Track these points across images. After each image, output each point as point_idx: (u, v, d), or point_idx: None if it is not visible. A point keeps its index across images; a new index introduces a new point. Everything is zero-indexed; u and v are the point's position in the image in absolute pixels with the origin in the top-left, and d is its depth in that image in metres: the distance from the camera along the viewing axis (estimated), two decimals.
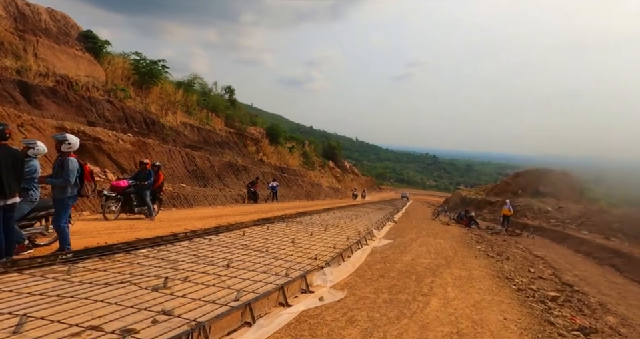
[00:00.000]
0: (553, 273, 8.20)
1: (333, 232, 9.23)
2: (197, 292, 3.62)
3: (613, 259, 12.83)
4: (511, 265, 8.16)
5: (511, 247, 11.93)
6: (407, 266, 6.46)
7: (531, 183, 35.28)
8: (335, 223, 11.30)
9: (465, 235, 12.89)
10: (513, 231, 16.65)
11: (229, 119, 30.97)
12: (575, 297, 5.94)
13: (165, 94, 23.35)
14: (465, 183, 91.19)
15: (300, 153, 44.83)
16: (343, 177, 59.01)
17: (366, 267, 6.06)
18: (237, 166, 25.77)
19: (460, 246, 9.89)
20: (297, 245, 6.97)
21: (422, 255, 7.73)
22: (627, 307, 5.77)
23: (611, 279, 8.89)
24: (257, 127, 37.18)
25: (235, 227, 8.26)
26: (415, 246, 8.94)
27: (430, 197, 70.50)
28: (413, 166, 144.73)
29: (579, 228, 19.34)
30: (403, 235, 10.72)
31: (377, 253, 7.43)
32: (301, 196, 33.04)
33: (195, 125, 25.00)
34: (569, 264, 10.07)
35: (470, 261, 7.77)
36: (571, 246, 15.76)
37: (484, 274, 6.56)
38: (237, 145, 30.92)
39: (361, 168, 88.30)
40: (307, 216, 13.22)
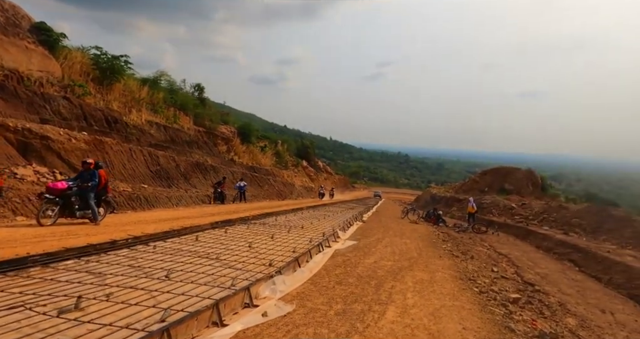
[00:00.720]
0: (515, 271, 8.14)
1: (297, 234, 8.79)
2: (115, 313, 3.09)
3: (572, 255, 13.13)
4: (474, 265, 8.03)
5: (476, 245, 11.94)
6: (368, 270, 6.12)
7: (497, 181, 36.31)
8: (301, 225, 10.87)
9: (432, 234, 12.80)
10: (478, 228, 16.84)
11: (198, 118, 29.93)
12: (536, 298, 5.80)
13: (129, 91, 22.14)
14: (435, 181, 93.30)
15: (273, 152, 44.17)
16: (316, 177, 58.70)
17: (324, 273, 5.66)
18: (205, 166, 24.85)
19: (426, 246, 9.72)
20: (253, 250, 6.48)
21: (385, 257, 7.43)
22: (586, 306, 5.68)
23: (570, 276, 8.97)
24: (228, 125, 36.18)
25: (188, 232, 7.66)
26: (380, 247, 8.66)
27: (402, 195, 71.50)
28: (386, 165, 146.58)
29: (540, 224, 19.88)
30: (369, 236, 10.44)
31: (339, 257, 7.07)
32: (272, 196, 32.38)
33: (162, 124, 23.90)
34: (531, 262, 10.13)
35: (434, 262, 7.55)
36: (533, 242, 16.09)
37: (446, 276, 6.32)
38: (207, 145, 29.94)
39: (335, 167, 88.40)
40: (272, 217, 12.72)
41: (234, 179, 28.06)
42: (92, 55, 19.94)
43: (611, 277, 10.15)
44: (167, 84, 27.99)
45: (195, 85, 34.72)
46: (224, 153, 31.70)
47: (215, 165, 26.45)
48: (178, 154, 23.04)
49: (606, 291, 7.63)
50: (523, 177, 35.63)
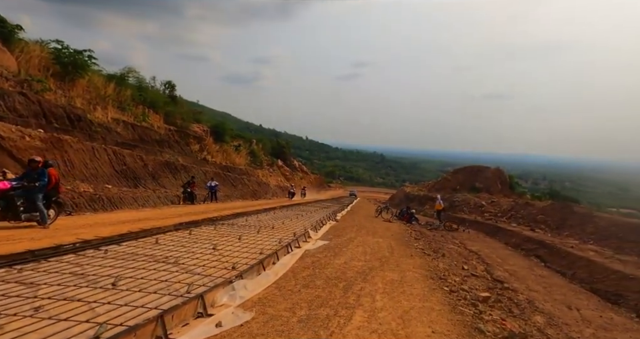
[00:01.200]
0: (485, 269, 8.14)
1: (266, 235, 8.44)
2: (40, 331, 2.67)
3: (538, 251, 13.46)
4: (445, 263, 7.96)
5: (448, 242, 11.98)
6: (337, 271, 5.87)
7: (468, 180, 37.19)
8: (272, 225, 10.52)
9: (404, 232, 12.76)
10: (450, 226, 17.03)
11: (169, 116, 28.90)
12: (505, 296, 5.74)
13: (94, 87, 21.01)
14: (409, 180, 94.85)
15: (247, 151, 43.44)
16: (292, 176, 58.25)
17: (290, 276, 5.36)
18: (176, 165, 23.97)
19: (398, 244, 9.60)
20: (217, 252, 6.10)
21: (356, 257, 7.22)
22: (553, 303, 5.67)
23: (538, 272, 9.10)
24: (200, 124, 35.21)
25: (147, 234, 7.16)
26: (352, 247, 8.45)
27: (377, 194, 72.20)
28: (362, 164, 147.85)
29: (509, 221, 20.40)
30: (341, 235, 10.22)
31: (309, 258, 6.79)
32: (246, 195, 31.74)
33: (130, 122, 22.86)
34: (500, 259, 10.23)
35: (405, 261, 7.41)
36: (502, 239, 16.43)
37: (417, 276, 6.17)
38: (178, 143, 28.97)
39: (311, 166, 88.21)
40: (243, 217, 12.29)
41: (206, 178, 27.30)
42: (52, 49, 18.76)
43: (575, 272, 10.41)
44: (135, 81, 26.89)
45: (166, 83, 33.57)
46: (196, 152, 30.83)
47: (186, 164, 25.60)
48: (147, 153, 22.10)
49: (571, 287, 7.76)
50: (492, 175, 36.68)
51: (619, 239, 13.57)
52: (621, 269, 9.53)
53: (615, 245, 13.02)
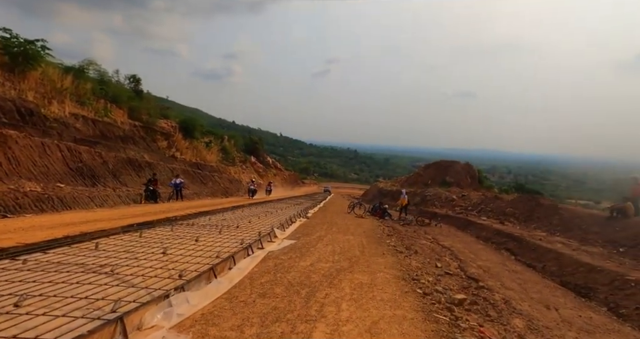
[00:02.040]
0: (458, 266, 7.80)
1: (228, 235, 7.71)
2: None
3: (508, 244, 13.44)
4: (418, 261, 7.54)
5: (420, 238, 11.67)
6: (301, 276, 5.26)
7: (439, 174, 37.61)
8: (237, 224, 9.78)
9: (377, 229, 12.33)
10: (422, 221, 16.84)
11: (134, 111, 27.30)
12: (481, 296, 5.33)
13: (49, 80, 19.32)
14: (383, 176, 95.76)
15: (219, 148, 42.11)
16: (265, 173, 57.17)
17: (247, 283, 4.70)
18: (140, 162, 22.60)
19: (369, 242, 9.12)
20: (167, 257, 5.34)
21: (324, 258, 6.63)
22: (530, 302, 5.33)
23: (510, 267, 8.89)
24: (168, 120, 33.60)
25: (88, 238, 6.26)
26: (320, 246, 7.86)
27: (351, 190, 72.33)
28: (336, 160, 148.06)
29: (479, 215, 20.54)
30: (310, 233, 9.63)
31: (271, 260, 6.14)
32: (217, 193, 30.61)
33: (90, 117, 21.32)
34: (473, 254, 9.99)
35: (376, 260, 6.91)
36: (473, 233, 16.41)
37: (389, 277, 5.67)
38: (144, 140, 27.44)
39: (285, 163, 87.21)
40: (206, 216, 11.46)
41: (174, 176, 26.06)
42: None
43: (545, 265, 10.34)
44: (97, 74, 25.17)
45: (130, 77, 31.71)
46: (164, 149, 29.39)
47: (152, 161, 24.24)
48: (109, 150, 20.71)
49: (545, 283, 7.54)
50: (461, 170, 37.26)
51: (582, 231, 13.77)
52: (589, 261, 9.50)
53: (580, 237, 13.18)
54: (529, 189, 43.82)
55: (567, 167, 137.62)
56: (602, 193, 54.88)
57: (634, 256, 10.19)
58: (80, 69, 23.00)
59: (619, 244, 11.38)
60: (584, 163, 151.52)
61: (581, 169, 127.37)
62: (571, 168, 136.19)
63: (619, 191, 28.92)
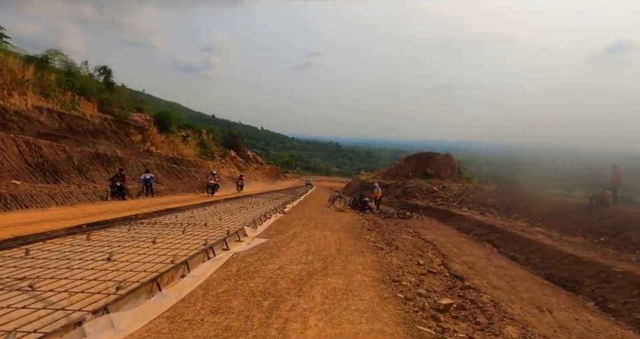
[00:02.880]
0: (442, 262, 7.30)
1: (192, 235, 6.92)
2: None
3: (490, 235, 13.14)
4: (400, 258, 6.96)
5: (402, 232, 11.16)
6: (266, 282, 4.57)
7: (420, 166, 37.51)
8: (205, 221, 8.98)
9: (357, 223, 11.75)
10: (403, 214, 16.41)
11: (104, 104, 25.86)
12: (468, 298, 4.77)
13: (8, 71, 17.88)
14: (365, 169, 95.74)
15: (197, 142, 40.80)
16: (246, 167, 56.00)
17: (199, 295, 3.96)
18: (109, 157, 21.29)
19: (348, 238, 8.50)
20: (110, 263, 4.54)
21: (296, 259, 5.95)
22: (521, 304, 4.82)
23: (495, 261, 8.47)
24: (142, 113, 32.10)
25: (17, 243, 5.35)
26: (294, 245, 7.18)
27: (333, 183, 71.92)
28: (318, 154, 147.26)
29: (460, 206, 20.34)
30: (285, 230, 8.93)
31: (236, 263, 5.41)
32: (194, 188, 29.49)
33: (56, 110, 19.98)
34: (456, 248, 9.54)
35: (354, 259, 6.28)
36: (454, 224, 16.10)
37: (367, 280, 5.04)
38: (117, 134, 26.06)
39: (267, 157, 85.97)
40: (174, 214, 10.58)
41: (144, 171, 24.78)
42: None
43: (528, 257, 10.01)
44: (63, 65, 23.59)
45: (100, 68, 29.98)
46: (138, 143, 28.06)
47: (124, 156, 22.96)
48: (77, 144, 19.50)
49: (533, 279, 7.12)
50: (442, 161, 37.26)
51: (563, 220, 13.60)
52: (572, 252, 9.20)
53: (561, 226, 13.00)
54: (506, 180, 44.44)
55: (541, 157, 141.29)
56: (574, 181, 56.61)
57: (616, 246, 9.99)
58: (43, 59, 21.53)
59: (600, 233, 11.20)
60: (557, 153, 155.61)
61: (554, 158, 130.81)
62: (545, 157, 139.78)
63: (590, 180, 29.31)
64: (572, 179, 33.24)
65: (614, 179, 13.32)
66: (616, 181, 13.28)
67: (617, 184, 13.30)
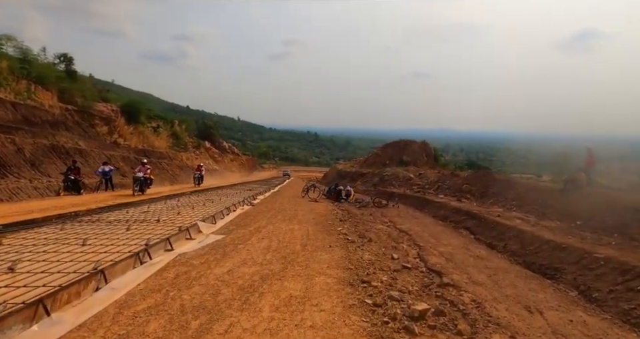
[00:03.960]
0: (418, 254, 6.64)
1: (134, 234, 5.94)
2: None
3: (467, 222, 12.71)
4: (372, 252, 6.24)
5: (376, 222, 10.50)
6: (206, 292, 3.70)
7: (397, 154, 37.20)
8: (158, 217, 7.98)
9: (330, 214, 11.00)
10: (379, 202, 15.81)
11: (65, 94, 23.95)
12: (447, 299, 4.09)
13: None
14: (343, 158, 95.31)
15: (168, 133, 38.97)
16: (221, 158, 54.35)
17: (110, 315, 3.06)
18: (67, 149, 19.64)
19: (317, 231, 7.72)
20: (9, 276, 3.55)
21: (252, 259, 5.10)
22: (507, 304, 4.19)
23: (474, 251, 7.91)
24: (108, 103, 30.09)
25: None
26: (254, 241, 6.32)
27: (311, 173, 71.18)
28: (296, 144, 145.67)
29: (436, 193, 19.98)
30: (248, 224, 8.04)
31: (175, 268, 4.50)
32: (164, 181, 28.07)
33: (9, 100, 18.22)
34: (433, 238, 8.94)
35: (320, 256, 5.49)
36: (430, 212, 15.66)
37: (331, 282, 4.26)
38: (80, 125, 24.23)
39: (244, 148, 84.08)
40: (127, 209, 9.48)
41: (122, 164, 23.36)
42: None
43: (506, 244, 9.57)
44: (18, 52, 21.57)
45: (61, 55, 27.72)
46: (105, 135, 26.27)
47: (86, 148, 21.34)
48: (34, 136, 17.86)
49: (516, 270, 6.57)
50: (418, 149, 37.08)
51: (538, 205, 13.34)
52: (551, 237, 8.79)
53: (536, 211, 12.71)
54: (480, 166, 45.05)
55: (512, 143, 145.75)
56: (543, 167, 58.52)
57: (593, 229, 9.67)
58: None
59: (576, 217, 10.89)
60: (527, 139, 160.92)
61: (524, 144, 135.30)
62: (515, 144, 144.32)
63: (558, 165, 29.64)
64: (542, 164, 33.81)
65: (588, 162, 13.09)
66: (590, 164, 13.06)
67: (591, 167, 13.09)
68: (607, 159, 15.61)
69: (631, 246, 7.73)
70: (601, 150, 14.86)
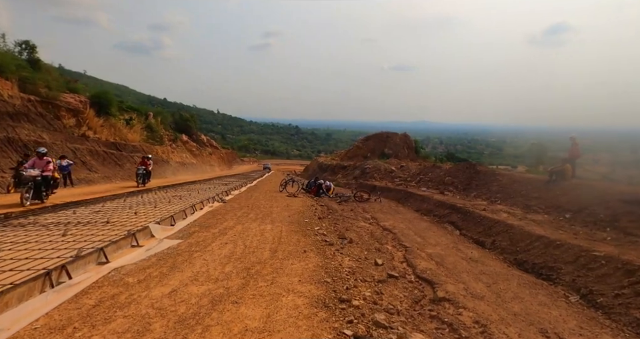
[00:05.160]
0: (404, 258, 5.83)
1: (70, 241, 4.86)
2: None
3: (452, 216, 12.09)
4: (353, 257, 5.37)
5: (358, 219, 9.66)
6: (131, 327, 2.71)
7: (378, 146, 36.57)
8: (108, 218, 6.85)
9: (308, 210, 10.06)
10: (361, 196, 15.01)
11: (27, 83, 21.85)
12: (445, 321, 3.27)
13: None
14: (325, 151, 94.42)
15: (142, 126, 36.93)
16: (199, 152, 52.39)
17: None
18: (24, 142, 17.95)
19: (291, 232, 6.78)
20: None
21: (206, 273, 4.12)
22: (517, 326, 3.40)
23: (465, 252, 7.17)
24: (76, 94, 27.94)
25: None
26: (215, 247, 5.33)
27: (292, 166, 69.98)
28: (278, 137, 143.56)
29: (418, 185, 19.39)
30: (213, 225, 7.02)
31: (100, 290, 3.47)
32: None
33: None
34: (419, 236, 8.17)
35: (291, 266, 4.57)
36: (413, 205, 15.01)
37: (301, 305, 3.35)
38: (44, 117, 22.28)
39: (223, 141, 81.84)
40: (75, 208, 8.27)
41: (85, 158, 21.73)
42: None
43: (494, 240, 8.94)
44: None
45: (22, 43, 25.37)
46: (72, 127, 24.37)
47: (49, 141, 19.64)
48: None
49: (517, 277, 5.85)
50: (400, 141, 36.57)
51: (523, 197, 12.86)
52: (542, 233, 8.18)
53: (522, 203, 12.22)
54: (459, 158, 45.14)
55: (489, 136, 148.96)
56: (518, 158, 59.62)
57: (583, 222, 9.16)
58: None
59: (564, 209, 10.40)
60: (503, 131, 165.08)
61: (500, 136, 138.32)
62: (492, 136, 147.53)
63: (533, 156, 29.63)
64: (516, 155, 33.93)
65: (572, 152, 12.68)
66: (574, 155, 12.65)
67: (576, 157, 12.68)
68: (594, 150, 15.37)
69: (628, 242, 7.19)
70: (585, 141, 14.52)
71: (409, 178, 21.66)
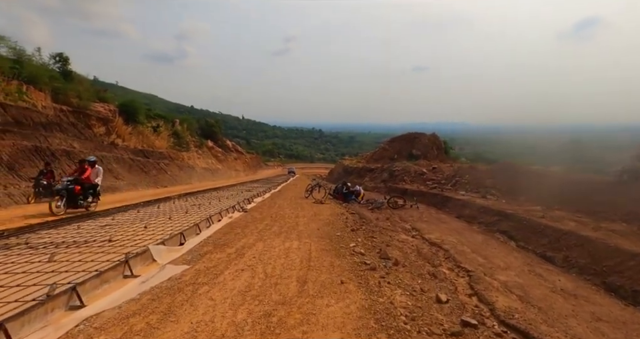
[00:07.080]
0: (471, 288, 4.41)
1: (60, 265, 3.80)
2: None
3: (501, 224, 10.44)
4: (405, 289, 4.02)
5: (397, 230, 8.25)
6: None
7: (405, 147, 34.79)
8: (115, 234, 5.84)
9: (338, 220, 8.74)
10: (395, 202, 13.52)
11: (59, 94, 22.17)
12: None
13: None
14: (349, 154, 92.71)
15: (169, 133, 37.12)
16: (225, 157, 52.38)
17: None
18: (52, 151, 17.81)
19: (322, 250, 5.49)
20: None
21: (210, 323, 2.91)
22: None
23: (549, 278, 5.58)
24: (105, 103, 28.27)
25: None
26: (227, 277, 4.11)
27: (317, 169, 68.98)
28: (301, 141, 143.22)
29: (455, 189, 17.64)
30: (230, 243, 5.84)
31: None
32: (163, 182, 26.28)
33: None
34: (478, 254, 6.66)
35: (326, 310, 3.28)
36: (453, 211, 13.38)
37: None
38: (76, 126, 22.49)
39: (248, 146, 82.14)
40: (77, 223, 7.36)
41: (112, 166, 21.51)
42: None
43: (567, 256, 7.28)
44: (11, 52, 19.80)
45: (56, 55, 25.92)
46: (102, 135, 24.55)
47: (79, 150, 19.64)
48: (24, 138, 16.33)
49: None
50: (428, 142, 34.60)
51: (585, 201, 10.98)
52: (634, 249, 6.47)
53: (586, 209, 10.38)
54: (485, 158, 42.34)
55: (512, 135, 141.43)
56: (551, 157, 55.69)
57: None
58: None
59: None
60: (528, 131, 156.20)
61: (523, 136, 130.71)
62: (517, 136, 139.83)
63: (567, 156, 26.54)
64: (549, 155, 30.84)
65: None
66: None
67: None
68: None
69: None
70: None
71: (443, 181, 19.90)
